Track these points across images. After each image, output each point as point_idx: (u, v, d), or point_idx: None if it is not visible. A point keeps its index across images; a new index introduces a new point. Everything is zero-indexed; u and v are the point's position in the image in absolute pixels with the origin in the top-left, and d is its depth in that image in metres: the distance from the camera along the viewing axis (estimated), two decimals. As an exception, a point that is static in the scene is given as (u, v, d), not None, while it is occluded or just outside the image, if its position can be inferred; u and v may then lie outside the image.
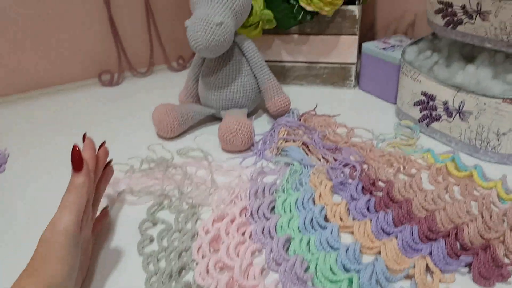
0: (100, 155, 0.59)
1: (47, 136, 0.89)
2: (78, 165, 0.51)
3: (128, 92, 1.09)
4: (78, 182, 0.50)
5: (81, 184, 0.50)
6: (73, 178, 0.50)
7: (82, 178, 0.51)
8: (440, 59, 0.83)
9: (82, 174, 0.51)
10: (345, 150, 0.77)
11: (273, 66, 1.04)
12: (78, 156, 0.51)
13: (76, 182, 0.50)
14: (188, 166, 0.76)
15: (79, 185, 0.50)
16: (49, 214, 0.49)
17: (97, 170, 0.58)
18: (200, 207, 0.66)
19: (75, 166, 0.51)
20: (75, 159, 0.51)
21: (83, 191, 0.50)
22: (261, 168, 0.74)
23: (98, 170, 0.58)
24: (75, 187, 0.50)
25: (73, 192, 0.50)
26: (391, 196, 0.64)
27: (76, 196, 0.49)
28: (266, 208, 0.62)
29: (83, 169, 0.51)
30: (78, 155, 0.51)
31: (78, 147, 0.52)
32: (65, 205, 0.48)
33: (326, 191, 0.65)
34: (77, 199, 0.49)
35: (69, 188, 0.50)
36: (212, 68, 0.86)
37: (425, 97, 0.80)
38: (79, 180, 0.50)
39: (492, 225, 0.56)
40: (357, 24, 0.97)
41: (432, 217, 0.58)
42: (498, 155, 0.73)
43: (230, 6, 0.79)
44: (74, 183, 0.50)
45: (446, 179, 0.69)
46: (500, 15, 0.67)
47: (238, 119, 0.79)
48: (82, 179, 0.50)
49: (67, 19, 1.06)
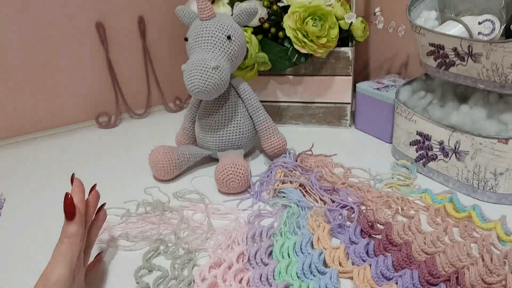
0: (90, 200, 0.58)
1: (44, 180, 0.88)
2: (70, 214, 0.50)
3: (125, 134, 1.09)
4: (71, 231, 0.49)
5: (74, 233, 0.50)
6: (66, 227, 0.50)
7: (75, 227, 0.50)
8: (434, 99, 0.84)
9: (75, 223, 0.50)
10: (343, 191, 0.76)
11: (269, 106, 1.05)
12: (70, 204, 0.50)
13: (69, 231, 0.49)
14: (185, 209, 0.75)
15: (71, 235, 0.49)
16: (45, 261, 0.48)
17: (87, 215, 0.57)
18: (196, 252, 0.65)
19: (67, 214, 0.50)
20: (68, 207, 0.50)
21: (76, 241, 0.49)
22: (258, 210, 0.73)
23: (88, 215, 0.57)
24: (68, 236, 0.49)
25: (66, 242, 0.49)
26: (390, 239, 0.63)
27: (69, 246, 0.49)
28: (263, 253, 0.62)
29: (76, 217, 0.50)
30: (70, 203, 0.50)
31: (70, 195, 0.51)
32: (57, 256, 0.48)
33: (325, 235, 0.65)
34: (69, 249, 0.48)
35: (61, 238, 0.49)
36: (209, 110, 0.86)
37: (421, 137, 0.80)
38: (72, 229, 0.50)
39: (494, 268, 0.56)
40: (351, 65, 0.99)
41: (432, 260, 0.58)
42: (496, 195, 0.73)
43: (225, 51, 0.80)
44: (66, 232, 0.49)
45: (445, 220, 0.69)
46: (492, 57, 0.68)
47: (234, 161, 0.79)
48: (75, 228, 0.50)
49: (65, 62, 1.07)
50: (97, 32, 1.09)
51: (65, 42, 1.06)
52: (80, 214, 0.51)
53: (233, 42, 0.81)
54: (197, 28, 0.81)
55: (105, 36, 1.09)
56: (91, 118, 1.15)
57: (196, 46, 0.80)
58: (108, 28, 1.10)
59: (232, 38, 0.81)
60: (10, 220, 0.76)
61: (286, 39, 0.96)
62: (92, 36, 1.09)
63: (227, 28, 0.81)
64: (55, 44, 1.05)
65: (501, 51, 0.66)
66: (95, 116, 1.14)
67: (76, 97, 1.11)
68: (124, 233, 0.69)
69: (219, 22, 0.81)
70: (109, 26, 1.10)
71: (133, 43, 1.15)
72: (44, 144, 1.05)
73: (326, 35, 0.92)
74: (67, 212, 0.50)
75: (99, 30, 1.08)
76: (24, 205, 0.80)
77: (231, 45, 0.81)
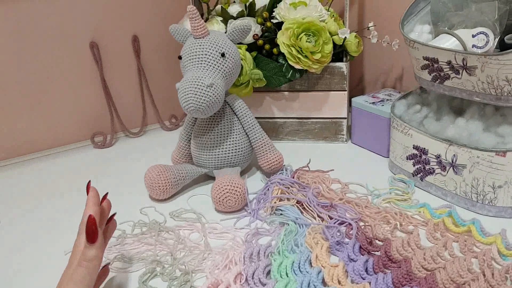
0: (104, 207, 0.55)
1: (40, 201, 0.87)
2: (92, 237, 0.47)
3: (121, 153, 1.09)
4: (91, 254, 0.47)
5: (94, 257, 0.47)
6: (86, 250, 0.47)
7: (95, 252, 0.47)
8: (429, 113, 0.83)
9: (96, 247, 0.47)
10: (341, 207, 0.76)
11: (265, 122, 1.05)
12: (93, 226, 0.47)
13: (89, 254, 0.47)
14: (181, 229, 0.74)
15: (91, 259, 0.47)
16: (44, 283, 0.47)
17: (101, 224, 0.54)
18: (193, 273, 0.64)
19: (89, 237, 0.47)
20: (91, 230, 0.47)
21: (95, 265, 0.47)
22: (255, 229, 0.72)
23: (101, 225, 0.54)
24: (87, 260, 0.46)
25: (84, 265, 0.46)
26: (389, 255, 0.62)
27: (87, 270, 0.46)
28: (261, 272, 0.61)
29: (98, 241, 0.47)
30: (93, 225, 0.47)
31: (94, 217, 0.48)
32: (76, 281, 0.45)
33: (323, 252, 0.64)
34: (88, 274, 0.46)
35: (80, 261, 0.46)
36: (204, 128, 0.86)
37: (417, 151, 0.80)
38: (92, 253, 0.47)
39: (495, 284, 0.55)
40: (346, 80, 0.99)
41: (433, 277, 0.57)
42: (495, 208, 0.72)
43: (220, 68, 0.80)
44: (86, 255, 0.46)
45: (444, 235, 0.68)
46: (487, 70, 0.68)
47: (231, 179, 0.78)
48: (95, 253, 0.47)
49: (59, 82, 1.07)
50: (91, 52, 1.09)
51: (59, 62, 1.06)
52: (102, 239, 0.48)
53: (227, 60, 0.81)
54: (191, 46, 0.81)
55: (99, 55, 1.09)
56: (87, 138, 1.14)
57: (190, 64, 0.80)
58: (102, 47, 1.10)
59: (226, 56, 0.81)
60: (6, 242, 0.74)
61: (281, 56, 0.96)
62: (86, 55, 1.09)
63: (221, 46, 0.81)
64: (50, 64, 1.05)
65: (496, 64, 0.66)
66: (90, 136, 1.13)
67: (71, 117, 1.11)
68: (120, 255, 0.68)
69: (212, 40, 0.81)
70: (103, 46, 1.10)
71: (128, 62, 1.15)
72: (39, 165, 1.04)
73: (320, 50, 0.92)
74: (90, 234, 0.47)
75: (93, 49, 1.08)
76: (20, 227, 0.79)
77: (225, 63, 0.81)
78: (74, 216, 0.81)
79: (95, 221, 0.48)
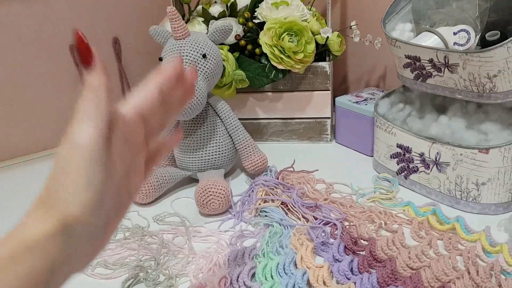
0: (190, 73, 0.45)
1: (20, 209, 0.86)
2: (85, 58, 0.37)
3: (102, 157, 1.07)
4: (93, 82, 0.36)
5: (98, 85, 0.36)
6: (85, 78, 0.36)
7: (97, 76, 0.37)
8: (412, 111, 0.83)
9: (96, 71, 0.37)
10: (325, 208, 0.75)
11: (249, 123, 1.04)
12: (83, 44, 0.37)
13: (89, 82, 0.36)
14: (165, 233, 0.73)
15: (95, 87, 0.36)
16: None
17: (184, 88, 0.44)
18: (177, 277, 0.63)
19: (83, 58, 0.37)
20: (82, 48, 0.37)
21: (102, 94, 0.36)
22: (240, 231, 0.71)
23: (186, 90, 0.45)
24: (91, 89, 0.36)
25: (89, 96, 0.36)
26: (374, 255, 0.62)
27: (93, 102, 0.36)
28: (246, 275, 0.60)
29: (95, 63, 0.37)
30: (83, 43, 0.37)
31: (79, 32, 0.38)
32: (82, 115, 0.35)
33: (308, 253, 0.63)
34: (93, 105, 0.36)
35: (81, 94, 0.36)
36: (187, 130, 0.85)
37: (401, 149, 0.80)
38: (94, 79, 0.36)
39: (480, 281, 0.55)
40: (329, 79, 0.98)
41: (418, 276, 0.56)
42: (479, 205, 0.72)
43: (201, 70, 0.79)
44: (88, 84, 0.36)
45: (429, 233, 0.68)
46: (468, 67, 0.68)
47: (214, 181, 0.77)
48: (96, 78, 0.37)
49: (39, 86, 1.05)
50: (71, 55, 1.07)
51: (39, 66, 1.04)
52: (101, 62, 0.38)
53: (208, 61, 0.80)
54: (171, 47, 0.80)
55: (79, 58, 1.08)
56: (68, 142, 1.12)
57: (171, 66, 0.79)
58: (82, 50, 1.08)
59: (207, 57, 0.80)
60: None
61: (263, 56, 0.95)
62: (66, 59, 1.07)
63: (202, 47, 0.80)
64: (29, 68, 1.03)
65: (477, 61, 0.66)
66: (72, 140, 1.11)
67: (51, 122, 1.09)
68: (102, 261, 0.67)
69: (193, 41, 0.80)
70: (83, 48, 1.08)
71: (109, 65, 1.13)
72: (19, 170, 1.02)
73: (303, 50, 0.91)
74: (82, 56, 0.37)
75: (73, 53, 1.07)
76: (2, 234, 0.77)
77: (207, 64, 0.80)
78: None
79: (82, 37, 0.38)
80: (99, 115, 0.36)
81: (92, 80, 0.36)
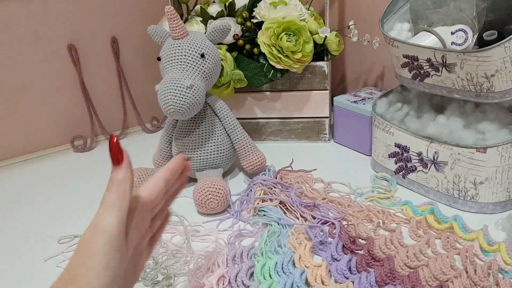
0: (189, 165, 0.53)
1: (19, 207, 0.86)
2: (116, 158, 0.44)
3: (101, 157, 1.07)
4: (119, 177, 0.43)
5: (122, 180, 0.43)
6: (113, 174, 0.44)
7: (123, 173, 0.44)
8: (410, 111, 0.84)
9: (123, 168, 0.44)
10: (324, 207, 0.75)
11: (247, 123, 1.04)
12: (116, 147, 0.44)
13: (116, 178, 0.43)
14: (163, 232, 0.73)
15: (120, 181, 0.43)
16: None
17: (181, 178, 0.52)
18: (176, 277, 0.63)
19: (114, 158, 0.44)
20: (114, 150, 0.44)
21: (126, 188, 0.43)
22: (238, 230, 0.71)
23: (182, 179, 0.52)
24: (116, 184, 0.43)
25: (114, 189, 0.43)
26: (372, 254, 0.62)
27: (117, 194, 0.43)
28: (244, 274, 0.60)
29: (124, 162, 0.44)
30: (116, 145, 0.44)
31: (116, 137, 0.45)
32: (106, 205, 0.42)
33: (306, 252, 0.63)
34: (118, 198, 0.43)
35: (109, 186, 0.44)
36: (185, 129, 0.85)
37: (399, 148, 0.80)
38: (119, 175, 0.43)
39: (478, 280, 0.55)
40: (327, 79, 0.99)
41: (416, 275, 0.57)
42: (477, 204, 0.72)
43: (199, 69, 0.79)
44: (113, 179, 0.43)
45: (426, 232, 0.68)
46: (466, 67, 0.68)
47: (213, 181, 0.77)
48: (122, 174, 0.43)
49: (37, 85, 1.05)
50: (69, 54, 1.07)
51: (36, 65, 1.04)
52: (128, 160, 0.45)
53: (207, 60, 0.80)
54: (169, 47, 0.80)
55: (77, 58, 1.08)
56: (66, 142, 1.12)
57: (169, 66, 0.79)
58: (80, 50, 1.08)
59: (205, 56, 0.80)
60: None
61: (261, 55, 0.96)
62: (64, 58, 1.07)
63: (200, 46, 0.80)
64: (27, 67, 1.03)
65: (475, 60, 0.67)
66: (70, 140, 1.11)
67: (50, 121, 1.09)
68: (100, 260, 0.67)
69: (192, 41, 0.80)
70: (81, 48, 1.08)
71: (107, 64, 1.13)
72: (18, 170, 1.02)
73: (301, 50, 0.91)
74: (114, 156, 0.44)
75: (71, 52, 1.07)
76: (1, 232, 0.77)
77: (205, 63, 0.80)
78: (55, 222, 0.80)
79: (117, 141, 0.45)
80: (123, 207, 0.42)
81: (117, 176, 0.43)
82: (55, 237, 0.74)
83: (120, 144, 0.44)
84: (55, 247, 0.72)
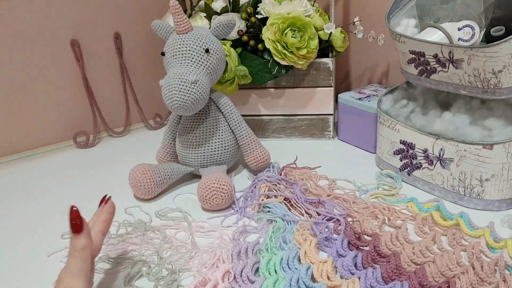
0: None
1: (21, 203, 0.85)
2: (77, 227, 0.48)
3: (104, 153, 1.07)
4: (80, 245, 0.48)
5: (83, 247, 0.48)
6: (74, 241, 0.48)
7: (84, 241, 0.48)
8: (416, 107, 0.83)
9: (83, 236, 0.48)
10: (328, 203, 0.75)
11: (251, 120, 1.04)
12: (77, 217, 0.48)
13: (79, 245, 0.48)
14: (168, 228, 0.73)
15: (81, 248, 0.48)
16: None
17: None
18: (180, 272, 0.62)
19: (74, 228, 0.48)
20: (75, 221, 0.48)
21: (87, 254, 0.48)
22: (243, 226, 0.71)
23: None
24: (78, 250, 0.48)
25: (78, 257, 0.47)
26: (378, 250, 0.62)
27: (81, 261, 0.47)
28: (250, 270, 0.60)
29: (84, 230, 0.48)
30: (76, 216, 0.48)
31: (75, 207, 0.49)
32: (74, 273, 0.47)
33: (311, 249, 0.63)
34: (83, 264, 0.47)
35: (71, 253, 0.48)
36: (189, 125, 0.85)
37: (404, 145, 0.80)
38: (81, 243, 0.48)
39: (485, 276, 0.55)
40: (332, 75, 0.98)
41: (422, 271, 0.56)
42: (483, 201, 0.72)
43: (204, 64, 0.79)
44: (76, 246, 0.48)
45: (432, 229, 0.68)
46: (473, 63, 0.68)
47: (217, 177, 0.77)
48: (83, 242, 0.48)
49: (40, 81, 1.05)
50: (72, 50, 1.07)
51: (39, 61, 1.03)
52: (87, 227, 0.49)
53: (211, 56, 0.80)
54: (174, 42, 0.80)
55: (80, 54, 1.07)
56: (69, 138, 1.12)
57: (173, 61, 0.79)
58: (83, 45, 1.08)
59: (210, 52, 0.80)
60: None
61: (266, 52, 0.95)
62: (67, 54, 1.06)
63: (205, 42, 0.79)
64: (29, 63, 1.02)
65: (482, 56, 0.66)
66: (73, 136, 1.11)
67: (53, 117, 1.09)
68: (105, 256, 0.67)
69: (196, 36, 0.79)
70: (84, 44, 1.08)
71: (110, 60, 1.13)
72: (21, 166, 1.02)
73: (306, 46, 0.91)
74: (75, 226, 0.48)
75: (74, 48, 1.06)
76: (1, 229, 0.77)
77: (210, 59, 0.80)
78: (57, 217, 0.79)
79: (77, 211, 0.49)
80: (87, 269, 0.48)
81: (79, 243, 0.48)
82: (58, 233, 0.74)
83: (79, 212, 0.48)
84: (58, 243, 0.71)
